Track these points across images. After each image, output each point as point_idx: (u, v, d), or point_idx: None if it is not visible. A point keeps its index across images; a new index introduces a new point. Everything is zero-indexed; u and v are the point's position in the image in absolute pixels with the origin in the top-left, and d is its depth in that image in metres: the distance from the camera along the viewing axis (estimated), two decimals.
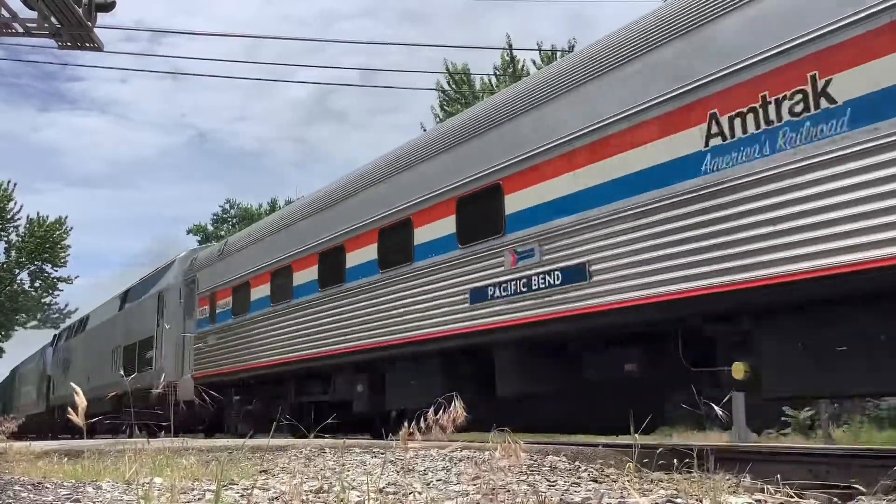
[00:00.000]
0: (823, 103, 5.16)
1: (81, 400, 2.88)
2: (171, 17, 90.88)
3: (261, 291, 13.13)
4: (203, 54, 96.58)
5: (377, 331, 9.76)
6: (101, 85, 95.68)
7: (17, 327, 41.36)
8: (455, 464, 5.18)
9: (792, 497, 3.65)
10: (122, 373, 17.77)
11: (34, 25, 10.59)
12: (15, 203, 38.92)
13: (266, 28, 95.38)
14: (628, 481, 4.43)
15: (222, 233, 46.96)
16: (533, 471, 4.96)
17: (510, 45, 27.60)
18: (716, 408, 3.34)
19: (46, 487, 4.04)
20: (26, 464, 6.26)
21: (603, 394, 7.88)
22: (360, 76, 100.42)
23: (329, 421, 5.71)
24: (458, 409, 2.84)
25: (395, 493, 3.94)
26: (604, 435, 8.38)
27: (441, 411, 2.89)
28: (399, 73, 73.93)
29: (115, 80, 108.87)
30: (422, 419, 2.87)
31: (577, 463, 5.44)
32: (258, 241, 13.76)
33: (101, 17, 10.63)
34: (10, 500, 3.57)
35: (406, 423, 2.88)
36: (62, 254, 40.80)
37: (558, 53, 26.94)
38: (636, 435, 4.59)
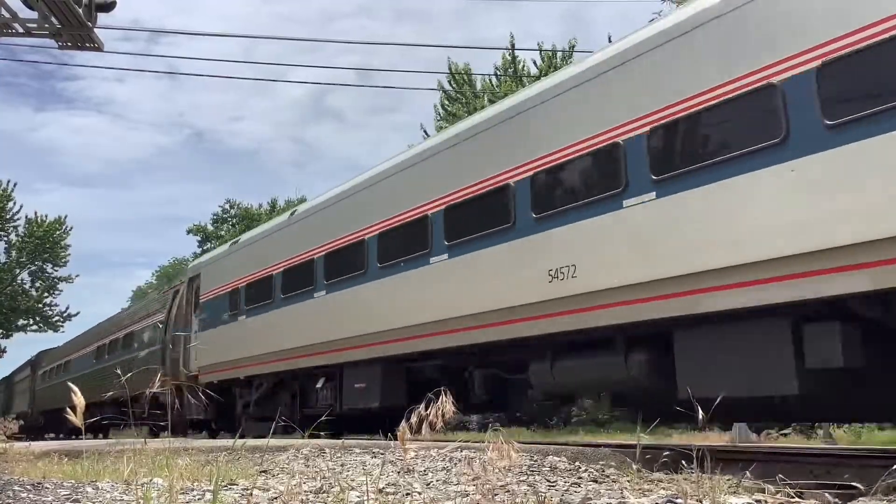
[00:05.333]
0: None
1: (80, 400, 2.88)
2: (167, 17, 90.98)
3: None
4: (200, 54, 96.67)
5: None
6: (99, 84, 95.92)
7: (17, 332, 41.18)
8: (455, 464, 5.18)
9: (792, 497, 3.64)
10: None
11: (34, 25, 10.59)
12: (14, 203, 38.98)
13: (263, 27, 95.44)
14: (628, 482, 4.43)
15: (222, 233, 46.95)
16: (533, 471, 4.95)
17: (512, 45, 27.64)
18: (700, 410, 3.33)
19: (46, 487, 4.04)
20: (26, 464, 6.26)
21: None
22: (357, 76, 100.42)
23: None
24: (447, 405, 2.84)
25: (394, 494, 3.93)
26: None
27: (431, 406, 2.88)
28: (397, 73, 73.93)
29: (112, 79, 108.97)
30: (412, 416, 2.86)
31: (577, 463, 5.43)
32: None
33: (100, 17, 10.63)
34: (10, 501, 3.57)
35: (403, 422, 2.88)
36: (62, 253, 40.81)
37: (559, 54, 26.98)
38: (640, 435, 4.59)
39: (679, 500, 3.50)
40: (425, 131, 29.03)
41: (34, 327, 41.36)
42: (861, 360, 5.53)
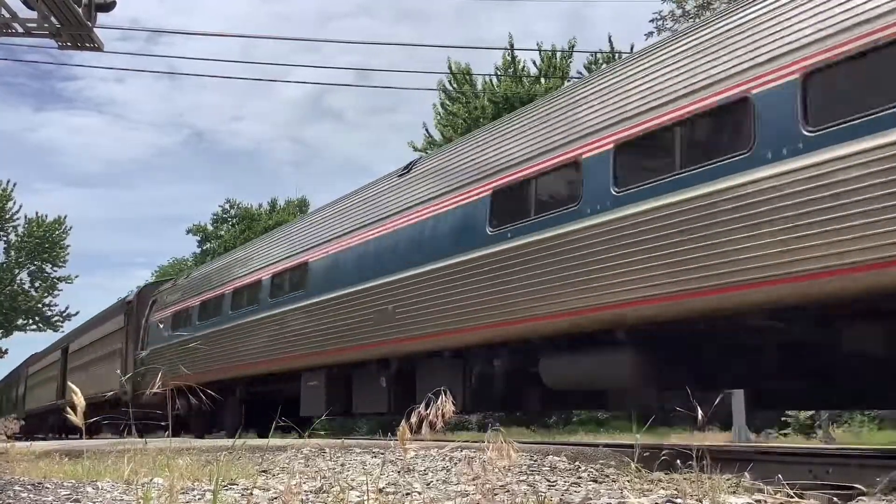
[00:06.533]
0: None
1: (80, 400, 2.88)
2: (166, 17, 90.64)
3: None
4: (199, 54, 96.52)
5: None
6: (98, 84, 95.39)
7: (16, 332, 41.18)
8: (455, 464, 5.19)
9: (792, 497, 3.65)
10: None
11: (34, 25, 10.60)
12: (14, 203, 39.09)
13: (262, 27, 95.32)
14: (628, 481, 4.43)
15: (222, 232, 46.99)
16: (533, 471, 4.96)
17: (511, 46, 27.66)
18: (699, 409, 3.33)
19: (46, 487, 4.04)
20: (27, 464, 6.27)
21: None
22: (357, 76, 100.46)
23: None
24: (447, 404, 2.84)
25: (394, 493, 3.94)
26: None
27: (430, 406, 2.88)
28: (397, 73, 74.01)
29: (111, 79, 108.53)
30: (412, 415, 2.86)
31: (577, 463, 5.44)
32: None
33: (100, 17, 10.63)
34: (10, 500, 3.58)
35: (403, 421, 2.88)
36: (62, 253, 40.89)
37: (558, 54, 27.02)
38: (637, 435, 4.59)
39: (679, 500, 3.50)
40: (427, 130, 29.06)
41: (34, 327, 41.41)
42: None
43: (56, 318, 41.48)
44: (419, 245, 9.57)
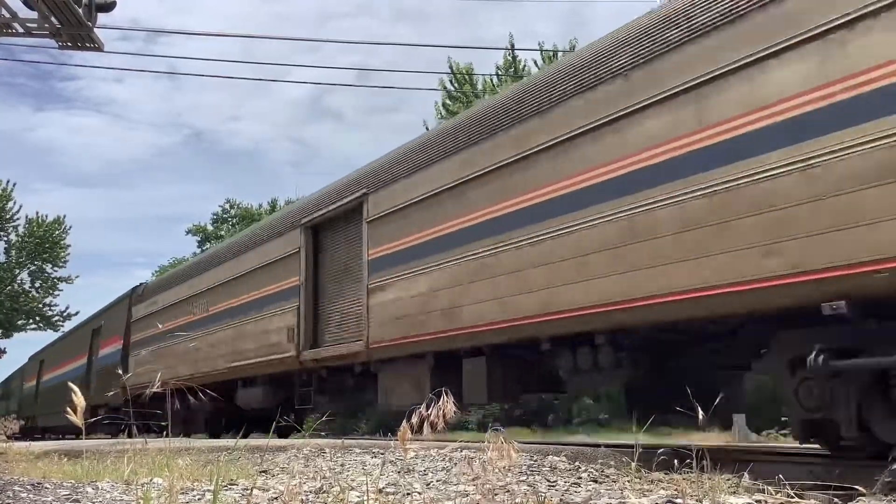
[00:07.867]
0: None
1: (80, 400, 2.88)
2: (166, 17, 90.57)
3: None
4: (199, 54, 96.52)
5: None
6: (97, 84, 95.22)
7: (17, 332, 41.05)
8: (455, 464, 5.18)
9: (792, 497, 3.64)
10: None
11: (34, 25, 10.60)
12: (14, 203, 39.07)
13: (262, 27, 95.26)
14: (628, 481, 4.43)
15: (222, 233, 46.92)
16: (533, 471, 4.96)
17: (512, 45, 27.69)
18: (699, 409, 3.34)
19: (46, 488, 4.04)
20: (26, 464, 6.27)
21: None
22: (356, 75, 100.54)
23: None
24: (448, 405, 2.84)
25: (394, 494, 3.94)
26: None
27: (431, 407, 2.88)
28: (396, 73, 73.93)
29: (111, 79, 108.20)
30: (413, 416, 2.86)
31: (577, 463, 5.44)
32: None
33: (100, 17, 10.63)
34: (10, 501, 3.57)
35: (404, 422, 2.88)
36: (62, 253, 40.85)
37: (559, 54, 27.01)
38: (638, 435, 4.59)
39: (679, 500, 3.50)
40: (427, 130, 29.04)
41: (34, 326, 41.34)
42: None
43: (56, 318, 41.41)
44: None
